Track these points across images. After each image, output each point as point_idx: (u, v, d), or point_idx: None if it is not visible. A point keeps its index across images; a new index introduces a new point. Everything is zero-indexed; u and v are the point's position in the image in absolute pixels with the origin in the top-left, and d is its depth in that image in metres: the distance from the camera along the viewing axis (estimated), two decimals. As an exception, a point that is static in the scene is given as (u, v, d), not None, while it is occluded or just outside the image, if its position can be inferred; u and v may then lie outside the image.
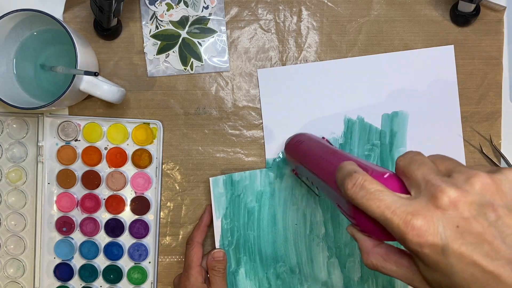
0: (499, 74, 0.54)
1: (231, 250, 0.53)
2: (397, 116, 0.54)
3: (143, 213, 0.54)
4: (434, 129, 0.54)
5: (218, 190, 0.53)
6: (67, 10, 0.53)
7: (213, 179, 0.52)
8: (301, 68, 0.54)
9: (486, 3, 0.53)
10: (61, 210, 0.54)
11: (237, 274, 0.53)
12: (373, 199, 0.27)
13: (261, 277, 0.53)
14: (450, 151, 0.54)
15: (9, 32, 0.48)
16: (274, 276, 0.53)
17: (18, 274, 0.55)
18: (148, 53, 0.54)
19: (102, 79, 0.49)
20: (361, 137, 0.54)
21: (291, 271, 0.53)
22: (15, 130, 0.54)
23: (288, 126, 0.54)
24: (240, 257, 0.53)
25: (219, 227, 0.53)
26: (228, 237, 0.53)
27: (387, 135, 0.54)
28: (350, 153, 0.45)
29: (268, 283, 0.53)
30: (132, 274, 0.55)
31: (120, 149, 0.54)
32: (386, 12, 0.54)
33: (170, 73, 0.54)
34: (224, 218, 0.53)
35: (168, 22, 0.53)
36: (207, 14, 0.54)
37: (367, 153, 0.54)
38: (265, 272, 0.53)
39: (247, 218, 0.53)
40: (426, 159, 0.28)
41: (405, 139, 0.54)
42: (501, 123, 0.54)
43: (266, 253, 0.53)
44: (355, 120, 0.54)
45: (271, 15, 0.54)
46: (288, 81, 0.54)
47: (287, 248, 0.53)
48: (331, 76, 0.54)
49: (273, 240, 0.53)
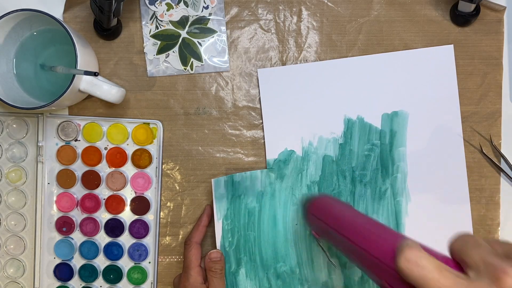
0: (499, 74, 0.54)
1: (231, 251, 0.53)
2: (397, 115, 0.54)
3: (143, 213, 0.54)
4: (434, 128, 0.54)
5: (219, 191, 0.52)
6: (67, 10, 0.53)
7: (214, 181, 0.52)
8: (301, 68, 0.54)
9: (486, 3, 0.53)
10: (61, 210, 0.54)
11: (238, 274, 0.53)
12: (432, 279, 0.26)
13: (262, 277, 0.53)
14: (450, 150, 0.54)
15: (9, 32, 0.48)
16: (275, 276, 0.53)
17: (18, 274, 0.55)
18: (148, 53, 0.54)
19: (102, 79, 0.49)
20: (361, 137, 0.54)
21: (292, 271, 0.53)
22: (15, 130, 0.54)
23: (289, 125, 0.54)
24: (240, 257, 0.53)
25: (220, 228, 0.53)
26: (229, 238, 0.53)
27: (387, 135, 0.54)
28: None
29: (268, 283, 0.53)
30: (132, 274, 0.55)
31: (120, 149, 0.54)
32: (386, 12, 0.54)
33: (170, 73, 0.54)
34: (225, 219, 0.53)
35: (168, 22, 0.53)
36: (207, 14, 0.54)
37: (367, 153, 0.54)
38: (265, 272, 0.53)
39: (247, 219, 0.53)
40: (481, 241, 0.28)
41: (405, 138, 0.54)
42: (501, 123, 0.54)
43: (266, 254, 0.53)
44: (355, 120, 0.54)
45: (271, 15, 0.54)
46: (288, 81, 0.54)
47: (287, 248, 0.53)
48: (331, 76, 0.54)
49: (273, 241, 0.53)
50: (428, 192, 0.54)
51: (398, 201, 0.54)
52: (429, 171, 0.54)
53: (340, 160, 0.54)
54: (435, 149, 0.54)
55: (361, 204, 0.53)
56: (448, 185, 0.54)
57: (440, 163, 0.54)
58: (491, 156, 0.54)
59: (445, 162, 0.54)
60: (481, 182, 0.54)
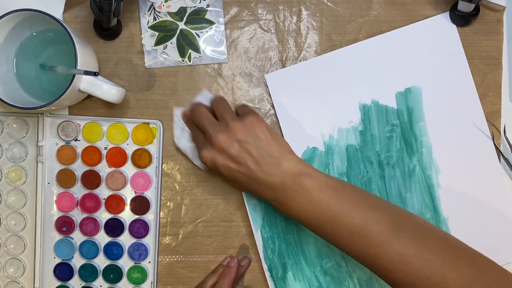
0: (498, 74, 0.54)
1: (275, 257, 0.53)
2: (410, 92, 0.53)
3: (143, 213, 0.54)
4: (449, 98, 0.53)
5: (252, 202, 0.53)
6: (67, 10, 0.53)
7: (245, 193, 0.53)
8: (307, 65, 0.54)
9: (486, 3, 0.53)
10: (61, 210, 0.54)
11: (286, 278, 0.53)
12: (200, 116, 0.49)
13: (310, 277, 0.53)
14: (470, 116, 0.53)
15: (9, 32, 0.48)
16: (322, 273, 0.53)
17: (18, 274, 0.55)
18: (146, 44, 0.53)
19: (102, 79, 0.49)
20: (380, 120, 0.53)
21: (338, 265, 0.53)
22: (15, 130, 0.54)
23: (306, 124, 0.54)
24: (285, 262, 0.53)
25: (260, 238, 0.53)
26: (270, 245, 0.53)
27: (404, 113, 0.53)
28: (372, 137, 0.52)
29: (317, 281, 0.53)
30: (132, 274, 0.55)
31: (120, 149, 0.54)
32: (386, 12, 0.54)
33: (168, 65, 0.54)
34: (262, 228, 0.53)
35: (166, 13, 0.53)
36: (205, 6, 0.53)
37: (389, 134, 0.53)
38: (312, 271, 0.53)
39: (284, 223, 0.53)
40: (204, 110, 0.49)
41: (423, 113, 0.53)
42: (501, 123, 0.55)
43: (309, 253, 0.53)
44: (370, 104, 0.53)
45: (271, 15, 0.54)
46: (297, 80, 0.54)
47: (329, 244, 0.53)
48: (338, 67, 0.54)
49: (314, 239, 0.53)
50: (455, 161, 0.53)
51: (428, 176, 0.53)
52: (453, 140, 0.53)
53: (363, 147, 0.53)
54: (454, 118, 0.53)
55: (393, 186, 0.53)
56: (474, 150, 0.53)
57: (462, 130, 0.53)
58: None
59: (467, 128, 0.53)
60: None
